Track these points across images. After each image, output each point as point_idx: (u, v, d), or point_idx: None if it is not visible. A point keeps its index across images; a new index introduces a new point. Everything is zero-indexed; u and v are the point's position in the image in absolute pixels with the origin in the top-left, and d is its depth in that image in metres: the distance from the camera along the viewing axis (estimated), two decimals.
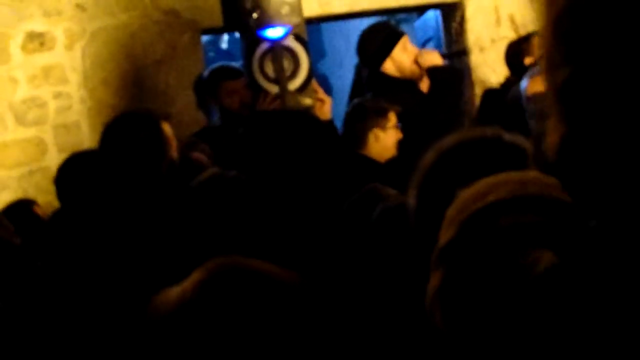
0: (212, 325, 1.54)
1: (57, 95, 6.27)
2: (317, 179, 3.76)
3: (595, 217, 1.20)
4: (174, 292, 1.60)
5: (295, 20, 5.33)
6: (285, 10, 5.31)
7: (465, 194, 1.50)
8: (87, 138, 6.21)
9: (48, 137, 6.23)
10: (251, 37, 5.33)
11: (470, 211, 1.43)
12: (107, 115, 6.06)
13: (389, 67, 5.63)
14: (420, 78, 5.64)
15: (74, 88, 6.28)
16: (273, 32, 5.34)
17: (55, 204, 4.25)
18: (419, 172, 2.15)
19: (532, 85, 4.83)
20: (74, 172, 4.03)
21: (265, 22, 5.26)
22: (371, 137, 5.07)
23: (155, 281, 3.06)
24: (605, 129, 1.15)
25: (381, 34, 5.71)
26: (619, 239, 1.16)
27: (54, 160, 6.05)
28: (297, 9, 5.35)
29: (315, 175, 3.76)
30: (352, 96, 6.08)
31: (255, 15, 5.24)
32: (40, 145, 6.21)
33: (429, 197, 2.08)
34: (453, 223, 1.45)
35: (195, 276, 1.60)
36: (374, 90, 5.62)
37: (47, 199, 5.42)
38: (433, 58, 5.66)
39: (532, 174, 1.52)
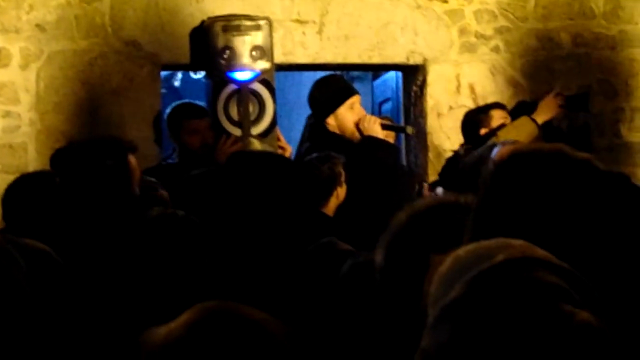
0: None
1: (6, 115, 6.13)
2: (276, 227, 3.71)
3: None
4: (162, 330, 1.58)
5: (265, 65, 5.29)
6: (256, 54, 5.26)
7: (459, 255, 1.49)
8: (32, 161, 6.07)
9: None
10: (219, 77, 5.26)
11: (479, 270, 1.40)
12: (56, 141, 5.94)
13: (331, 122, 5.54)
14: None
15: (24, 109, 6.15)
16: (241, 75, 5.28)
17: None
18: (389, 231, 2.16)
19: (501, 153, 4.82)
20: (24, 192, 3.89)
21: (235, 64, 5.20)
22: (333, 198, 5.07)
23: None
24: None
25: (333, 88, 5.62)
26: None
27: None
28: (269, 54, 5.32)
29: (275, 223, 3.71)
30: (301, 147, 6.03)
31: (225, 55, 5.18)
32: None
33: (397, 258, 2.09)
34: (455, 282, 1.42)
35: (185, 316, 1.59)
36: (312, 142, 5.52)
37: None
38: (373, 128, 5.53)
39: (521, 241, 1.51)
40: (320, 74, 6.42)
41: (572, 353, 1.27)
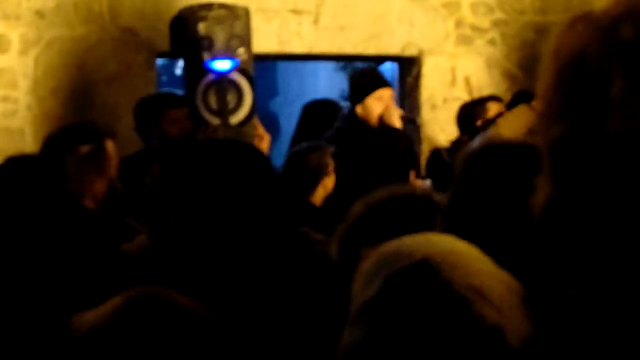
0: (124, 352, 1.56)
1: (4, 99, 6.20)
2: (253, 215, 3.72)
3: (574, 285, 1.14)
4: (90, 316, 1.62)
5: (244, 54, 5.28)
6: (234, 43, 5.26)
7: (382, 251, 1.47)
8: (29, 146, 6.12)
9: None
10: (197, 66, 5.27)
11: (397, 267, 1.39)
12: (52, 125, 5.99)
13: (359, 110, 5.75)
14: None
15: (22, 94, 6.22)
16: (220, 65, 5.28)
17: None
18: (344, 223, 2.15)
19: None
20: (6, 176, 3.95)
21: (214, 53, 5.20)
22: (320, 187, 5.12)
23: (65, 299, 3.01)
24: (594, 195, 1.08)
25: (364, 79, 5.83)
26: (600, 312, 1.09)
27: None
28: (247, 43, 5.30)
29: (251, 212, 3.73)
30: (295, 136, 6.07)
31: (203, 45, 5.19)
32: None
33: (352, 251, 2.08)
34: (375, 279, 1.41)
35: (111, 303, 1.62)
36: (344, 124, 5.77)
37: None
38: (392, 119, 5.73)
39: (446, 237, 1.50)
40: (322, 65, 6.45)
41: (475, 355, 1.27)
